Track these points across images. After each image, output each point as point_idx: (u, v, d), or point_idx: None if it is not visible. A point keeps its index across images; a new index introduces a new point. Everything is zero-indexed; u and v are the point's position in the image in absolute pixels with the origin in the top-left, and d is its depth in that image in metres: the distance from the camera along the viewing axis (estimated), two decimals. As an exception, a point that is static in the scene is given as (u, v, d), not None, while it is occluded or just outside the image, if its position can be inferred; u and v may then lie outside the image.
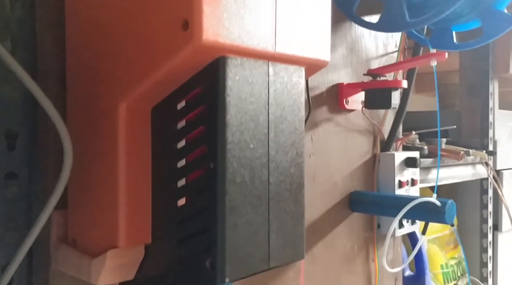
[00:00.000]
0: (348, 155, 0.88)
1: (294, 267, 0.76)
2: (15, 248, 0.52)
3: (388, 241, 0.85)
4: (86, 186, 0.45)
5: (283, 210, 0.42)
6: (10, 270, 0.46)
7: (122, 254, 0.42)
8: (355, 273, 0.90)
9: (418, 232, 1.28)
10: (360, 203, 0.88)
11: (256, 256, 0.40)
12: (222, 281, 0.37)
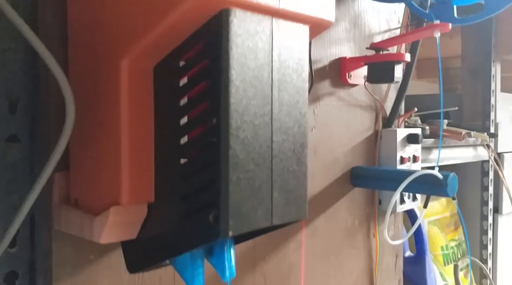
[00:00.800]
0: (350, 130, 0.87)
1: (296, 239, 0.77)
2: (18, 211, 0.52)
3: (389, 215, 0.85)
4: (88, 146, 0.45)
5: (285, 169, 0.42)
6: (11, 231, 0.46)
7: (125, 211, 0.42)
8: (356, 247, 0.90)
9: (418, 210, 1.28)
10: (361, 178, 0.88)
11: (259, 212, 0.40)
12: (225, 234, 0.37)
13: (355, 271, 0.90)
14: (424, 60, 2.25)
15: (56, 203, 0.47)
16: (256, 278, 0.70)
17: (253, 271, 0.70)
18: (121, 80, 0.41)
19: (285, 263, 0.75)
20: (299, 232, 0.78)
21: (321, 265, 0.82)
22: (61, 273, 0.50)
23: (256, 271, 0.70)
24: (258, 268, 0.70)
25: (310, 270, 0.80)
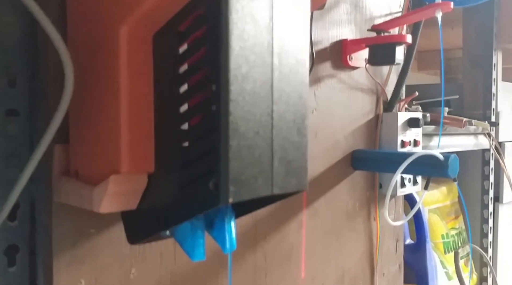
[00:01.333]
0: (351, 113, 0.87)
1: (296, 219, 0.77)
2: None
3: (389, 198, 0.85)
4: (88, 116, 0.45)
5: (286, 139, 0.42)
6: (9, 203, 0.46)
7: (125, 180, 0.42)
8: (357, 230, 0.90)
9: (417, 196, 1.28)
10: (362, 161, 0.87)
11: (260, 181, 0.40)
12: (225, 201, 0.37)
13: (355, 254, 0.90)
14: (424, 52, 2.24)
15: (56, 175, 0.47)
16: (257, 257, 0.70)
17: (253, 250, 0.70)
18: (120, 47, 0.41)
19: (285, 243, 0.75)
20: (300, 213, 0.78)
21: (322, 246, 0.82)
22: (61, 247, 0.49)
23: (257, 250, 0.70)
24: (258, 247, 0.70)
25: (310, 251, 0.80)
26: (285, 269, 0.75)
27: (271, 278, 0.72)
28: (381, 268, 0.96)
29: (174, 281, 0.60)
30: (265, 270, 0.72)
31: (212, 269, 0.64)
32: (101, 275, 0.53)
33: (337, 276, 0.86)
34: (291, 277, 0.76)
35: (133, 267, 0.56)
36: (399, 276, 1.02)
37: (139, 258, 0.56)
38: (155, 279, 0.58)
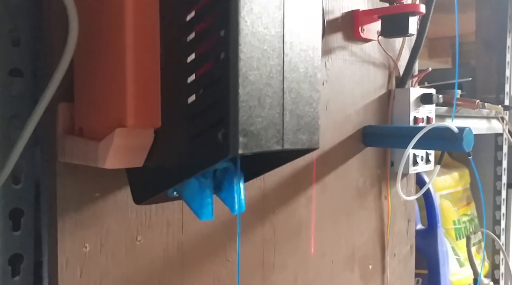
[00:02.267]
0: (362, 87, 0.85)
1: (306, 194, 0.75)
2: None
3: (401, 171, 0.82)
4: (93, 72, 0.44)
5: (297, 92, 0.40)
6: (10, 161, 0.44)
7: (130, 134, 0.40)
8: (367, 209, 0.88)
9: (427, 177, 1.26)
10: (373, 137, 0.85)
11: (270, 134, 0.38)
12: (234, 152, 0.36)
13: (366, 232, 0.88)
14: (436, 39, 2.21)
15: (60, 134, 0.46)
16: (266, 230, 0.69)
17: (262, 223, 0.68)
18: (126, 0, 0.39)
19: (295, 217, 0.73)
20: (309, 187, 0.76)
21: (331, 223, 0.80)
22: (66, 209, 0.48)
23: (266, 223, 0.69)
24: (267, 221, 0.69)
25: (320, 228, 0.78)
26: (294, 244, 0.73)
27: (280, 252, 0.71)
28: (392, 248, 0.94)
29: (181, 250, 0.58)
30: (274, 243, 0.70)
31: (220, 241, 0.63)
32: (106, 241, 0.51)
33: (347, 254, 0.84)
34: (300, 253, 0.74)
35: (139, 234, 0.54)
36: (410, 258, 1.01)
37: (145, 225, 0.55)
38: (162, 247, 0.56)
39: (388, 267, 0.93)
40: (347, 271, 0.84)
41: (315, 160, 0.76)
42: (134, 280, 0.54)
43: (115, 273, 0.52)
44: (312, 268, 0.77)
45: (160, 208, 0.56)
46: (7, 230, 0.50)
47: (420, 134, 0.74)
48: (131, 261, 0.54)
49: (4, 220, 0.50)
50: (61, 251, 0.48)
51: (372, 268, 0.89)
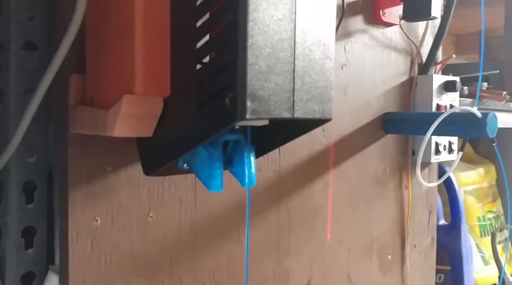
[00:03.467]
0: (383, 73, 0.83)
1: (322, 180, 0.74)
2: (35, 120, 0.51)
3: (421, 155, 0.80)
4: (103, 41, 0.43)
5: (310, 59, 0.39)
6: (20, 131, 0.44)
7: (138, 101, 0.40)
8: (387, 197, 0.86)
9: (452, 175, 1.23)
10: (394, 123, 0.83)
11: (280, 101, 0.37)
12: (242, 116, 0.35)
13: (385, 221, 0.86)
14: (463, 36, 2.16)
15: (72, 105, 0.46)
16: (281, 213, 0.68)
17: (277, 206, 0.67)
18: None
19: (310, 202, 0.72)
20: (326, 173, 0.74)
21: (349, 210, 0.79)
22: (77, 182, 0.48)
23: (281, 207, 0.68)
24: (282, 204, 0.68)
25: (337, 214, 0.76)
26: (310, 229, 0.72)
27: (295, 237, 0.70)
28: (413, 239, 0.92)
29: (194, 229, 0.58)
30: (288, 228, 0.69)
31: (234, 222, 0.62)
32: (117, 215, 0.51)
33: (365, 243, 0.82)
34: (316, 238, 0.73)
35: (151, 210, 0.54)
36: (431, 250, 0.98)
37: (157, 202, 0.54)
38: (174, 225, 0.56)
39: (408, 258, 0.91)
40: (365, 260, 0.82)
41: (333, 145, 0.75)
42: (146, 256, 0.54)
43: (126, 247, 0.52)
44: (328, 255, 0.75)
45: (173, 185, 0.56)
46: (20, 203, 0.51)
47: (441, 118, 0.71)
48: (143, 237, 0.53)
49: (18, 193, 0.50)
50: (72, 224, 0.48)
51: (391, 258, 0.87)
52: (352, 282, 0.80)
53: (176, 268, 0.56)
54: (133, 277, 0.53)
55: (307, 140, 0.71)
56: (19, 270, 0.51)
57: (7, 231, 0.50)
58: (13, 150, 0.45)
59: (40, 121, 0.51)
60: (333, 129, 0.75)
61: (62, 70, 0.47)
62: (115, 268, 0.51)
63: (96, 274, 0.50)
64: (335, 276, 0.77)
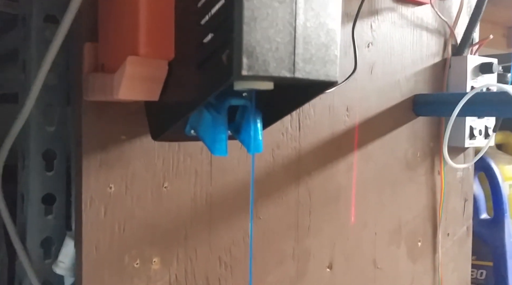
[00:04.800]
0: (413, 53, 0.81)
1: (346, 161, 0.72)
2: (55, 90, 0.53)
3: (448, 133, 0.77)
4: (113, 7, 0.44)
5: (312, 17, 0.38)
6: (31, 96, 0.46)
7: (143, 63, 0.40)
8: (417, 182, 0.83)
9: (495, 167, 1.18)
10: (425, 105, 0.81)
11: (279, 60, 0.36)
12: (238, 74, 0.34)
13: (415, 207, 0.83)
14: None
15: (86, 73, 0.47)
16: (301, 192, 0.67)
17: (297, 184, 0.66)
18: None
19: (333, 183, 0.71)
20: (350, 153, 0.73)
21: (375, 193, 0.77)
22: (91, 149, 0.49)
23: (300, 185, 0.67)
24: (302, 183, 0.67)
25: (361, 197, 0.75)
26: (332, 210, 0.71)
27: (316, 217, 0.69)
28: (446, 227, 0.89)
29: (210, 202, 0.58)
30: (309, 207, 0.68)
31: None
32: (131, 183, 0.52)
33: (393, 228, 0.80)
34: (338, 220, 0.72)
35: (166, 180, 0.55)
36: (466, 240, 0.94)
37: (172, 173, 0.55)
38: (189, 196, 0.56)
39: (440, 247, 0.87)
40: (392, 245, 0.80)
41: (357, 125, 0.73)
42: (160, 225, 0.54)
43: (141, 216, 0.53)
44: (352, 237, 0.74)
45: (188, 157, 0.56)
46: (40, 171, 0.53)
47: (469, 95, 0.68)
48: (157, 207, 0.54)
49: (38, 160, 0.52)
50: (85, 190, 0.49)
51: (421, 245, 0.84)
52: (378, 267, 0.78)
53: (191, 239, 0.57)
54: (147, 246, 0.53)
55: (330, 119, 0.70)
56: (39, 235, 0.53)
57: (28, 198, 0.53)
58: (25, 117, 0.46)
59: (59, 91, 0.52)
60: (358, 109, 0.73)
61: (78, 39, 0.49)
62: (129, 236, 0.52)
63: (110, 240, 0.51)
64: (359, 260, 0.75)
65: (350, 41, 0.69)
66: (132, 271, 0.53)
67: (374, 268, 0.77)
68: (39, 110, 0.51)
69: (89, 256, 0.50)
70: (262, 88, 0.41)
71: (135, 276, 0.53)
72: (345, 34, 0.70)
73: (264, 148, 0.62)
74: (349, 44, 0.70)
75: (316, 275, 0.69)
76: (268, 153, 0.63)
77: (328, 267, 0.71)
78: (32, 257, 0.52)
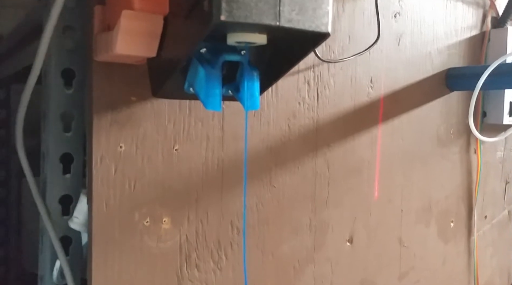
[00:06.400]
0: (447, 25, 0.77)
1: (369, 133, 0.70)
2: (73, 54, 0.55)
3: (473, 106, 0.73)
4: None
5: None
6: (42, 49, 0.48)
7: (137, 17, 0.41)
8: (451, 160, 0.80)
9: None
10: (458, 79, 0.77)
11: (263, 6, 0.36)
12: (217, 18, 0.35)
13: (448, 186, 0.80)
14: None
15: (96, 34, 0.49)
16: (318, 163, 0.66)
17: (314, 155, 0.66)
18: None
19: (354, 155, 0.69)
20: (374, 127, 0.71)
21: (402, 169, 0.74)
22: (101, 107, 0.51)
23: (318, 156, 0.66)
24: (320, 154, 0.66)
25: (386, 172, 0.73)
26: (354, 183, 0.70)
27: (335, 189, 0.68)
28: (483, 209, 0.84)
29: (221, 167, 0.59)
30: (327, 178, 0.67)
31: (265, 166, 0.62)
32: (142, 144, 0.54)
33: (422, 206, 0.77)
34: (360, 194, 0.70)
35: (176, 143, 0.56)
36: (508, 224, 0.89)
37: (183, 137, 0.56)
38: (200, 161, 0.57)
39: (476, 230, 0.83)
40: (420, 224, 0.77)
41: (383, 97, 0.71)
42: (171, 186, 0.56)
43: (151, 175, 0.54)
44: (375, 213, 0.72)
45: (199, 122, 0.57)
46: (58, 131, 0.55)
47: (491, 67, 0.64)
48: (168, 168, 0.55)
49: (56, 121, 0.55)
50: (96, 148, 0.51)
51: (454, 226, 0.81)
52: (405, 246, 0.75)
53: (203, 202, 0.58)
54: (157, 205, 0.55)
55: (351, 90, 0.68)
56: (58, 192, 0.56)
57: (48, 156, 0.56)
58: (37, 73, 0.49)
59: (77, 55, 0.55)
60: (384, 80, 0.71)
61: (89, 2, 0.51)
62: (139, 194, 0.54)
63: (120, 197, 0.53)
64: (383, 236, 0.73)
65: (374, 10, 0.68)
66: (142, 229, 0.54)
67: (400, 246, 0.75)
68: (57, 73, 0.54)
69: (99, 211, 0.52)
70: (254, 41, 0.41)
71: (145, 234, 0.54)
72: (369, 3, 0.69)
73: (279, 116, 0.62)
74: (373, 14, 0.69)
75: (335, 248, 0.68)
76: (284, 122, 0.63)
77: (348, 241, 0.70)
78: (51, 212, 0.56)
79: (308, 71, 0.64)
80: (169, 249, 0.56)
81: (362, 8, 0.68)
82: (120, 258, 0.53)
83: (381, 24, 0.69)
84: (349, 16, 0.67)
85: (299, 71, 0.64)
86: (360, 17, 0.68)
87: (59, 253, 0.55)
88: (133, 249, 0.54)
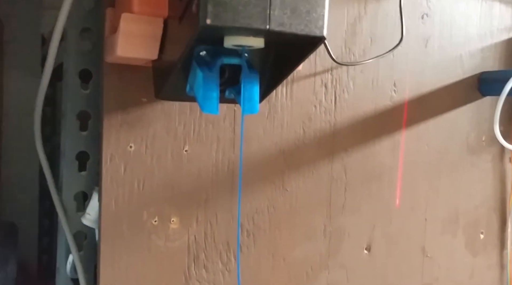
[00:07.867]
0: (481, 26, 0.74)
1: (391, 138, 0.68)
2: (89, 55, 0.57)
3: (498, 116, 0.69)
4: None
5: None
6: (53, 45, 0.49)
7: (137, 20, 0.42)
8: (482, 169, 0.76)
9: None
10: (491, 84, 0.73)
11: (252, 10, 0.36)
12: (203, 21, 0.35)
13: (478, 196, 0.76)
14: None
15: (107, 36, 0.50)
16: (335, 168, 0.65)
17: (330, 159, 0.64)
18: None
19: (374, 161, 0.67)
20: (397, 132, 0.69)
21: (427, 177, 0.71)
22: (111, 108, 0.53)
23: (335, 161, 0.65)
24: (337, 158, 0.65)
25: (410, 179, 0.70)
26: (373, 190, 0.68)
27: (352, 195, 0.66)
28: (518, 222, 0.80)
29: (232, 169, 0.59)
30: (344, 184, 0.65)
31: (278, 168, 0.61)
32: (152, 144, 0.55)
33: (448, 216, 0.74)
34: (380, 201, 0.68)
35: (186, 144, 0.56)
36: (547, 239, 0.83)
37: (193, 138, 0.57)
38: (210, 162, 0.58)
39: (510, 243, 0.79)
40: (446, 234, 0.74)
41: (407, 101, 0.69)
42: (180, 186, 0.56)
43: (160, 175, 0.55)
44: (396, 221, 0.69)
45: (210, 124, 0.57)
46: (75, 130, 0.57)
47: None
48: (177, 168, 0.56)
49: (73, 120, 0.57)
50: (106, 147, 0.53)
51: (484, 238, 0.77)
52: (428, 256, 0.72)
53: (212, 204, 0.58)
54: (166, 205, 0.56)
55: (373, 93, 0.66)
56: (73, 189, 0.58)
57: (65, 154, 0.58)
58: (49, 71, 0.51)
59: (93, 56, 0.57)
60: (408, 84, 0.69)
61: (103, 5, 0.52)
62: (148, 193, 0.55)
63: (129, 195, 0.54)
64: (404, 245, 0.70)
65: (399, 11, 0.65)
66: (151, 228, 0.55)
67: (423, 256, 0.72)
68: (75, 73, 0.56)
69: (108, 209, 0.53)
70: (251, 45, 0.41)
71: (153, 233, 0.55)
72: (393, 4, 0.66)
73: (294, 119, 0.62)
74: (399, 15, 0.66)
75: (351, 255, 0.67)
76: (298, 125, 0.62)
77: (366, 249, 0.68)
78: (66, 208, 0.58)
79: (325, 73, 0.63)
80: (177, 249, 0.57)
81: (386, 10, 0.66)
82: (128, 255, 0.54)
83: (407, 26, 0.67)
84: (371, 18, 0.66)
85: (316, 73, 0.63)
86: (384, 19, 0.66)
87: (72, 247, 0.57)
88: (141, 248, 0.55)
